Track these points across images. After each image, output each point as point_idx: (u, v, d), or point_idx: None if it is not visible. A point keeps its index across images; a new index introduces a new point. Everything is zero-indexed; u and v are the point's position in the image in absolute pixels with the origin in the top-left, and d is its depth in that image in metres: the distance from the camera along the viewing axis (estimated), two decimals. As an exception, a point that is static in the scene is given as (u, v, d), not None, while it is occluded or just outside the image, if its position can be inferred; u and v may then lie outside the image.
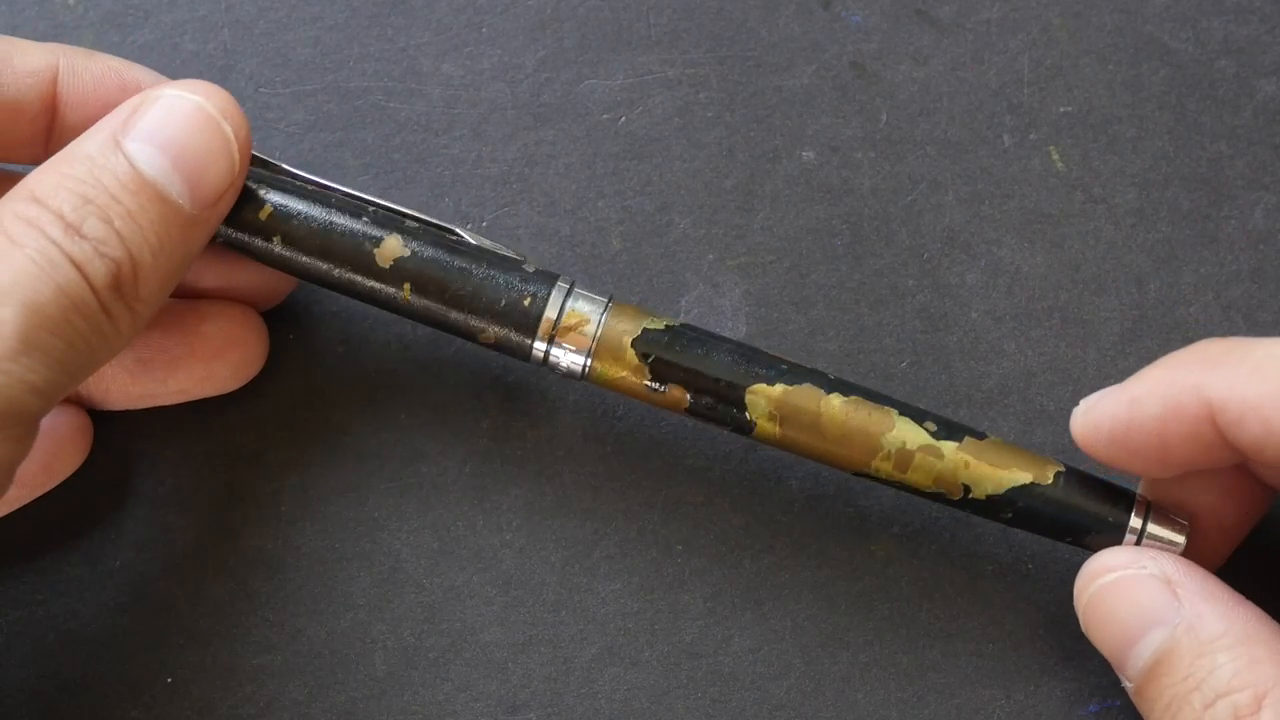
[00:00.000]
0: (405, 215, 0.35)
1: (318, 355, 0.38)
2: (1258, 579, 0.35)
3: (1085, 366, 0.39)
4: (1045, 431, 0.38)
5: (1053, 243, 0.40)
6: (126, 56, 0.39)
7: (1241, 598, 0.32)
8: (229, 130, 0.33)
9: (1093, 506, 0.34)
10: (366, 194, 0.35)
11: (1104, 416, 0.33)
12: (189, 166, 0.32)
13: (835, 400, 0.34)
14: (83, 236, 0.30)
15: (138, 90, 0.34)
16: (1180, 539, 0.34)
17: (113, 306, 0.30)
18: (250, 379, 0.37)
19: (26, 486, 0.35)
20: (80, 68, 0.34)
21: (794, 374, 0.35)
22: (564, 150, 0.40)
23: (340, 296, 0.37)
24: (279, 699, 0.36)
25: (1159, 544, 0.34)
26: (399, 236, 0.34)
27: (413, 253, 0.34)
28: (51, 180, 0.31)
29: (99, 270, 0.30)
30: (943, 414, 0.38)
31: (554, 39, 0.40)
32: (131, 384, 0.36)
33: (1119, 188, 0.40)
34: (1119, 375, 0.38)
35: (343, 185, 0.35)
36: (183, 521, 0.37)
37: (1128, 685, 0.33)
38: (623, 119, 0.40)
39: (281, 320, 0.38)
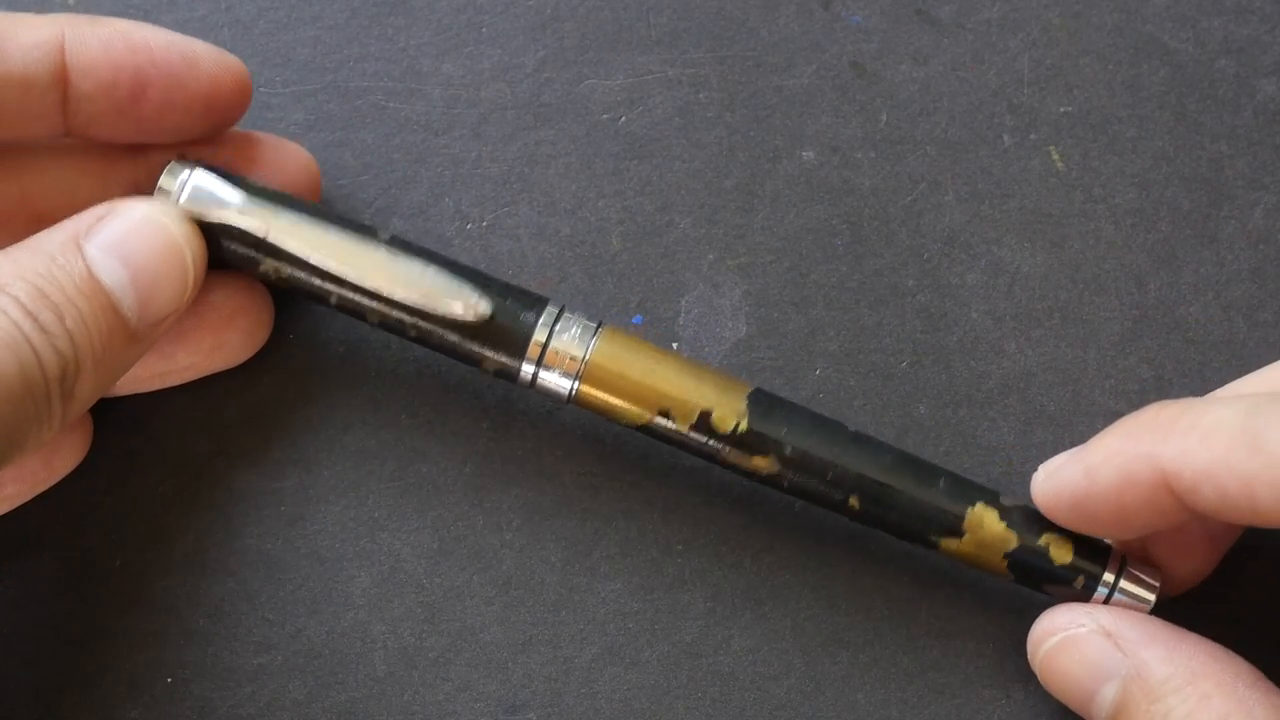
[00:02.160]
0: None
1: (318, 355, 0.38)
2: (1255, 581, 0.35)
3: (1085, 366, 0.39)
4: (1046, 431, 0.38)
5: (1053, 242, 0.40)
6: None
7: (1184, 633, 0.33)
8: (189, 259, 0.33)
9: (1068, 564, 0.35)
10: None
11: (1063, 485, 0.34)
12: (145, 284, 0.32)
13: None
14: (39, 326, 0.30)
15: (146, 49, 0.34)
16: (1151, 596, 0.35)
17: (54, 400, 0.31)
18: (258, 349, 0.37)
19: (26, 483, 0.35)
20: (87, 35, 0.34)
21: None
22: (564, 150, 0.40)
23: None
24: (279, 699, 0.36)
25: (1130, 595, 0.34)
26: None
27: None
28: (9, 269, 0.31)
29: (51, 361, 0.30)
30: (942, 415, 0.38)
31: (554, 39, 0.40)
32: (140, 364, 0.36)
33: (1119, 188, 0.40)
34: (1119, 375, 0.38)
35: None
36: (182, 521, 0.37)
37: None
38: (623, 119, 0.40)
39: (281, 320, 0.38)
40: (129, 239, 0.32)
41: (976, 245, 0.39)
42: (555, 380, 0.35)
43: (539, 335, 0.34)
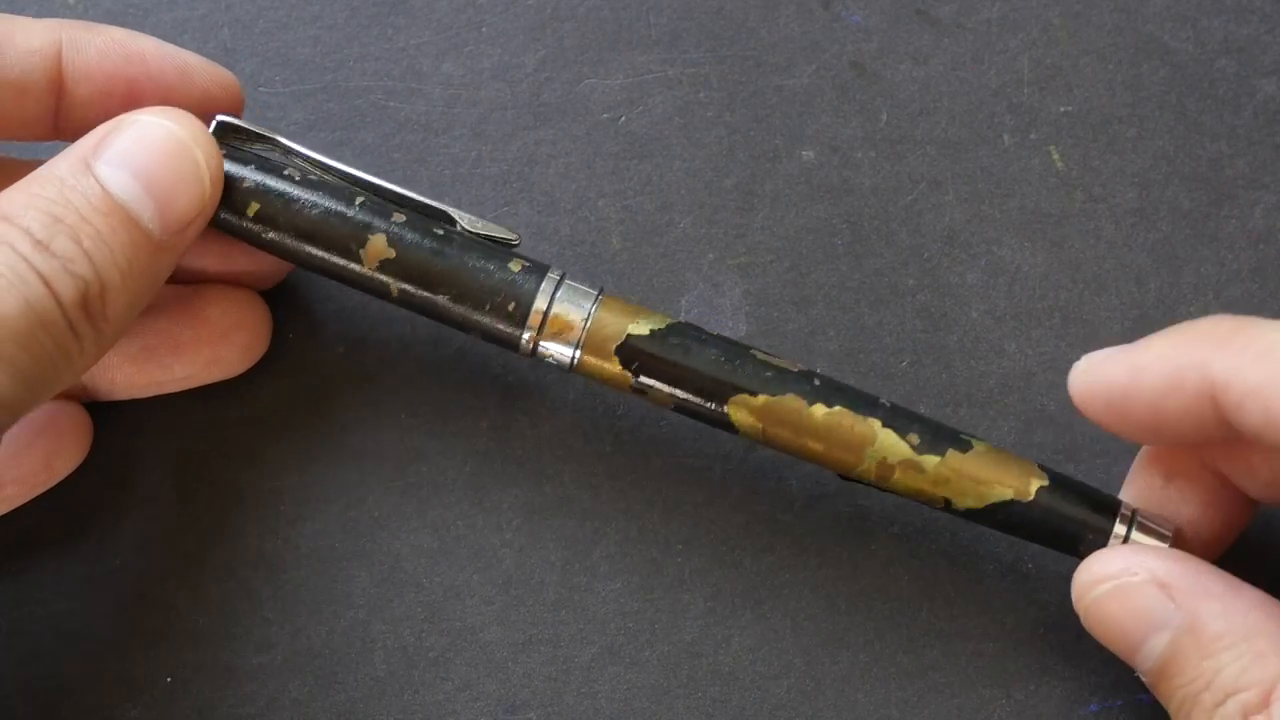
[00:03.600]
0: (400, 199, 0.35)
1: (318, 355, 0.38)
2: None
3: (1085, 366, 0.39)
4: (1046, 431, 0.38)
5: (1053, 242, 0.40)
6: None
7: (1240, 584, 0.32)
8: (200, 158, 0.33)
9: (1076, 518, 0.34)
10: (365, 174, 0.35)
11: (1104, 380, 0.33)
12: (160, 192, 0.32)
13: (818, 411, 0.34)
14: (52, 254, 0.30)
15: (141, 60, 0.34)
16: (1164, 547, 0.34)
17: (79, 325, 0.30)
18: (255, 362, 0.37)
19: (26, 484, 0.35)
20: (84, 42, 0.34)
21: (778, 382, 0.34)
22: (564, 150, 0.40)
23: (342, 292, 0.37)
24: (279, 698, 0.36)
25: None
26: (384, 236, 0.34)
27: (398, 254, 0.34)
28: (21, 199, 0.30)
29: (67, 287, 0.30)
30: (942, 414, 0.38)
31: (554, 38, 0.40)
32: (136, 373, 0.36)
33: (1119, 187, 0.40)
34: (1119, 375, 0.38)
35: (341, 164, 0.35)
36: (182, 521, 0.37)
37: (1143, 678, 0.33)
38: (623, 118, 0.40)
39: (281, 320, 0.38)
40: (135, 149, 0.32)
41: (977, 245, 0.39)
42: (556, 350, 0.35)
43: (539, 303, 0.34)
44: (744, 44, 0.41)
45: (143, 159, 0.32)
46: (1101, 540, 0.34)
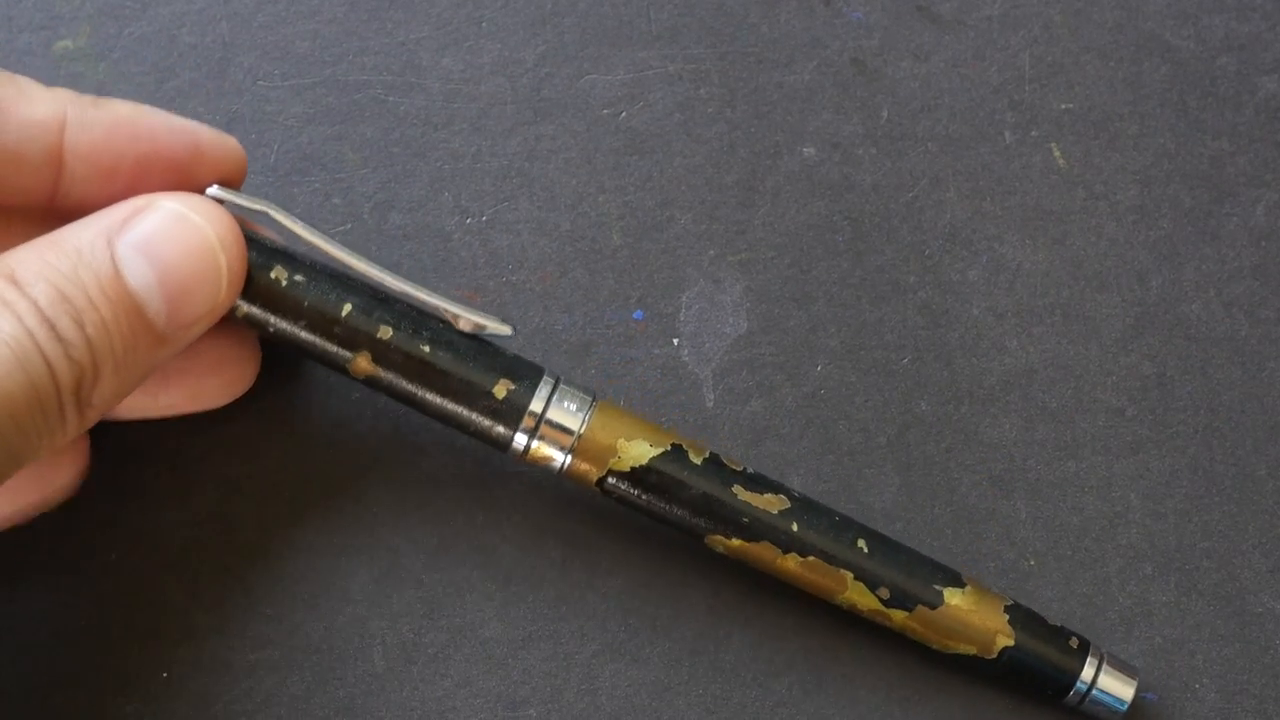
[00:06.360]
0: (390, 299, 0.34)
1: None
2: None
3: (1087, 363, 0.39)
4: (1047, 428, 0.38)
5: (1054, 239, 0.39)
6: (123, 49, 0.39)
7: None
8: (224, 262, 0.32)
9: (1041, 669, 0.35)
10: (361, 258, 0.34)
11: None
12: (174, 287, 0.31)
13: (791, 561, 0.35)
14: (57, 335, 0.29)
15: (150, 139, 0.33)
16: (1131, 688, 0.35)
17: (68, 409, 0.30)
18: (239, 395, 0.36)
19: (24, 514, 0.34)
20: (90, 120, 0.32)
21: (753, 529, 0.34)
22: (564, 145, 0.40)
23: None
24: (277, 694, 0.36)
25: (1108, 697, 0.35)
26: (368, 355, 0.33)
27: (385, 368, 0.33)
28: (35, 265, 0.29)
29: (65, 372, 0.29)
30: (943, 412, 0.38)
31: (554, 33, 0.40)
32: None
33: (1121, 184, 0.40)
34: (1121, 372, 0.38)
35: (332, 245, 0.34)
36: (179, 516, 0.36)
37: None
38: (623, 114, 0.40)
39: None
40: (160, 240, 0.31)
41: (978, 242, 0.39)
42: (547, 455, 0.34)
43: (535, 406, 0.34)
44: (745, 40, 0.41)
45: (165, 251, 0.31)
46: (1069, 685, 0.35)
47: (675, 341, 0.38)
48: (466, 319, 0.34)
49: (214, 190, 0.33)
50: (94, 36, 0.39)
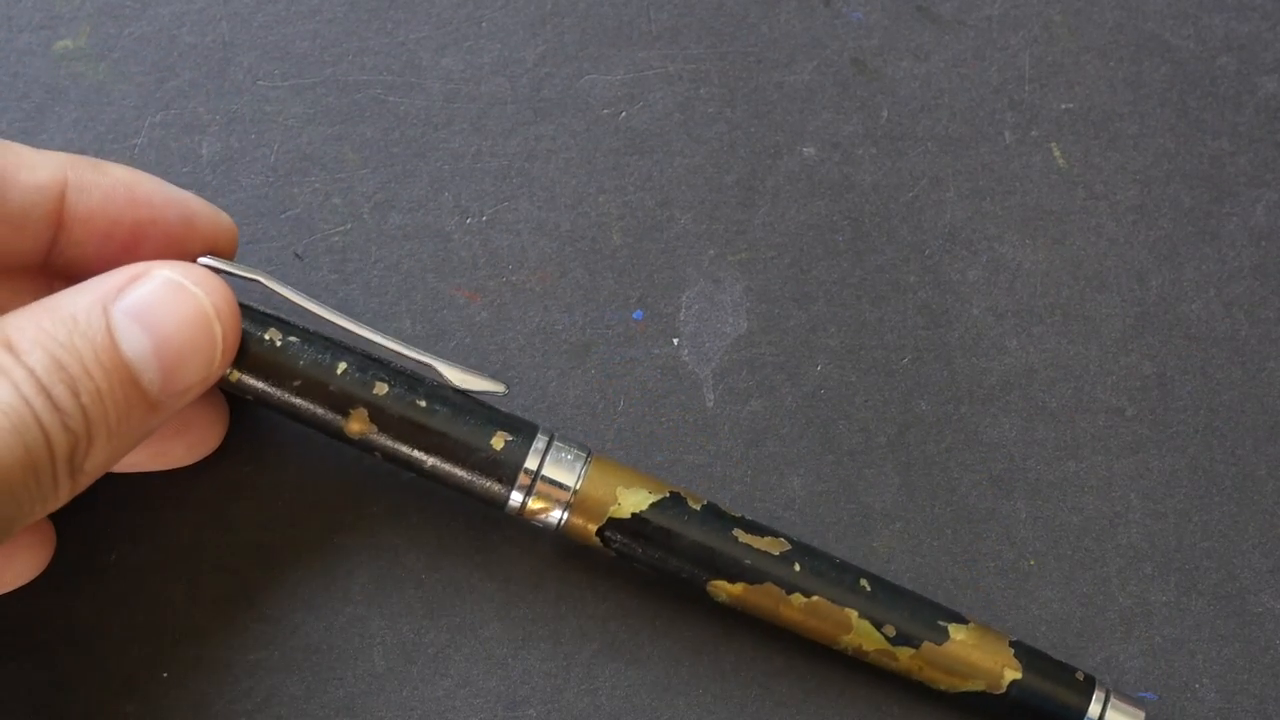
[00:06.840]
0: (382, 361, 0.34)
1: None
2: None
3: (1087, 363, 0.39)
4: (1047, 428, 0.38)
5: (1054, 239, 0.39)
6: (123, 49, 0.39)
7: None
8: (219, 333, 0.32)
9: (1048, 706, 0.35)
10: (347, 320, 0.34)
11: None
12: (168, 358, 0.31)
13: (796, 600, 0.34)
14: (54, 404, 0.29)
15: (147, 205, 0.33)
16: None
17: (61, 476, 0.30)
18: (203, 458, 0.36)
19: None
20: (90, 184, 0.33)
21: (756, 571, 0.34)
22: (564, 145, 0.40)
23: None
24: (276, 694, 0.36)
25: None
26: (365, 411, 0.33)
27: (379, 429, 0.33)
28: (31, 332, 0.29)
29: (61, 441, 0.29)
30: (943, 411, 0.38)
31: (554, 34, 0.40)
32: None
33: (1120, 184, 0.40)
34: (1121, 372, 0.38)
35: (323, 309, 0.34)
36: (179, 516, 0.36)
37: None
38: (623, 114, 0.40)
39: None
40: (157, 308, 0.31)
41: (978, 242, 0.39)
42: (544, 512, 0.34)
43: (530, 463, 0.34)
44: (745, 40, 0.41)
45: (161, 319, 0.31)
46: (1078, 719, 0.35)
47: (675, 341, 0.38)
48: (461, 375, 0.34)
49: (206, 259, 0.34)
50: (94, 36, 0.39)
